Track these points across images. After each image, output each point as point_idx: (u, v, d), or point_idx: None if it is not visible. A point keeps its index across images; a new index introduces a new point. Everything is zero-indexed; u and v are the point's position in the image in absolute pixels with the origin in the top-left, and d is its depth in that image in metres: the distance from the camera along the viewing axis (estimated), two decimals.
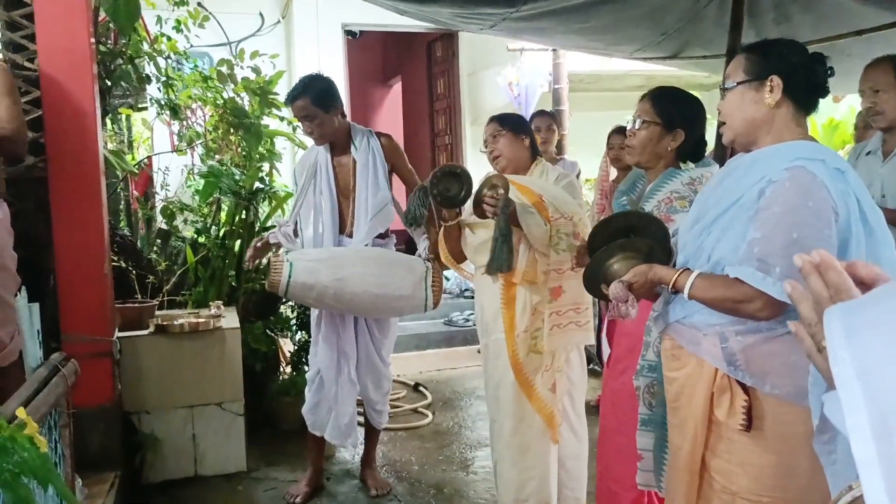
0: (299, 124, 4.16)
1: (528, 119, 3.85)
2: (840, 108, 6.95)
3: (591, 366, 5.00)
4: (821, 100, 1.75)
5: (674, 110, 2.18)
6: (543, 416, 2.68)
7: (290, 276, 2.93)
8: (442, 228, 2.84)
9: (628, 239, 1.93)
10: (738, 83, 1.71)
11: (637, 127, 2.19)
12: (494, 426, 2.80)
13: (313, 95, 3.03)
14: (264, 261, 3.60)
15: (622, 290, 1.76)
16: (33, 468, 1.01)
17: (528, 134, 2.82)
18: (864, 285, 0.69)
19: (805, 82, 1.69)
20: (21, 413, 1.15)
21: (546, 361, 2.67)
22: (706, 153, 2.36)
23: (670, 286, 1.69)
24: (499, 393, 2.74)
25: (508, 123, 2.81)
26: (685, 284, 1.65)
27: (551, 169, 2.83)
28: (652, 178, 2.25)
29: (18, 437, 1.03)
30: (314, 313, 3.28)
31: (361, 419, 3.49)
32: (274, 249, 3.24)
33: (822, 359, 0.68)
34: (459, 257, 2.85)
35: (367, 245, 3.11)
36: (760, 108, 1.68)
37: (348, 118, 3.30)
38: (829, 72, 1.70)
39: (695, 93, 2.28)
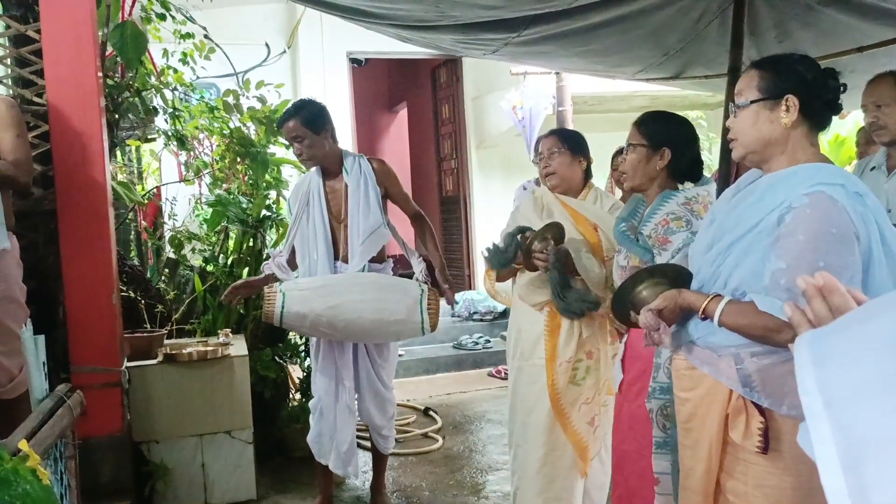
0: None
1: (533, 142, 3.84)
2: (846, 124, 6.93)
3: None
4: (834, 116, 1.72)
5: (656, 130, 2.18)
6: (577, 449, 2.65)
7: (283, 307, 2.94)
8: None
9: (656, 265, 1.91)
10: (752, 101, 1.67)
11: (627, 152, 2.20)
12: (519, 452, 2.75)
13: (303, 117, 3.06)
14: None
15: (652, 317, 1.71)
16: (36, 500, 1.01)
17: (585, 156, 2.79)
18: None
19: (819, 100, 1.66)
20: (23, 445, 1.16)
21: (587, 394, 2.63)
22: (709, 173, 2.35)
23: (700, 312, 1.65)
24: (530, 419, 2.70)
25: (568, 142, 2.76)
26: (715, 310, 1.61)
27: (605, 195, 2.80)
28: (650, 201, 2.23)
29: (21, 470, 1.03)
30: (313, 341, 3.28)
31: (367, 444, 3.48)
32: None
33: None
34: (502, 279, 2.83)
35: (362, 270, 3.11)
36: (776, 127, 1.64)
37: (355, 145, 3.34)
38: (842, 88, 1.67)
39: (698, 112, 2.29)
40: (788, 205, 1.54)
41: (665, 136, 2.17)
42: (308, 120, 3.06)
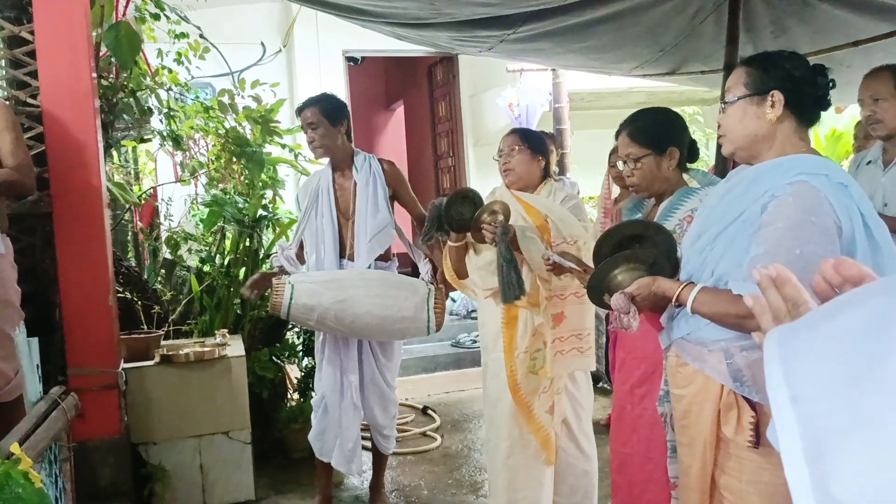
0: (301, 151, 4.20)
1: None
2: (843, 119, 6.94)
3: (601, 384, 4.97)
4: (822, 112, 1.72)
5: (657, 133, 2.14)
6: (539, 439, 2.67)
7: (291, 298, 2.95)
8: (446, 247, 2.85)
9: (633, 250, 1.92)
10: (739, 98, 1.68)
11: (632, 167, 2.14)
12: (490, 445, 2.81)
13: (323, 106, 3.12)
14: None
15: (625, 301, 1.74)
16: (28, 503, 1.00)
17: (544, 155, 2.83)
18: (852, 284, 0.69)
19: (807, 96, 1.67)
20: (16, 448, 1.15)
21: (545, 383, 2.66)
22: (706, 168, 2.34)
23: (674, 299, 1.67)
24: (496, 412, 2.74)
25: (528, 141, 2.80)
26: (688, 298, 1.63)
27: (559, 189, 2.83)
28: (666, 196, 2.20)
29: (13, 473, 1.03)
30: (318, 337, 3.28)
31: (369, 444, 3.48)
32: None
33: None
34: (463, 275, 2.86)
35: (369, 267, 3.11)
36: (762, 123, 1.65)
37: (352, 143, 3.35)
38: (830, 84, 1.68)
39: (695, 107, 2.28)
40: (771, 194, 1.56)
41: (666, 136, 2.14)
42: (326, 110, 3.11)
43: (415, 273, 3.28)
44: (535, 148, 2.79)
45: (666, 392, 2.06)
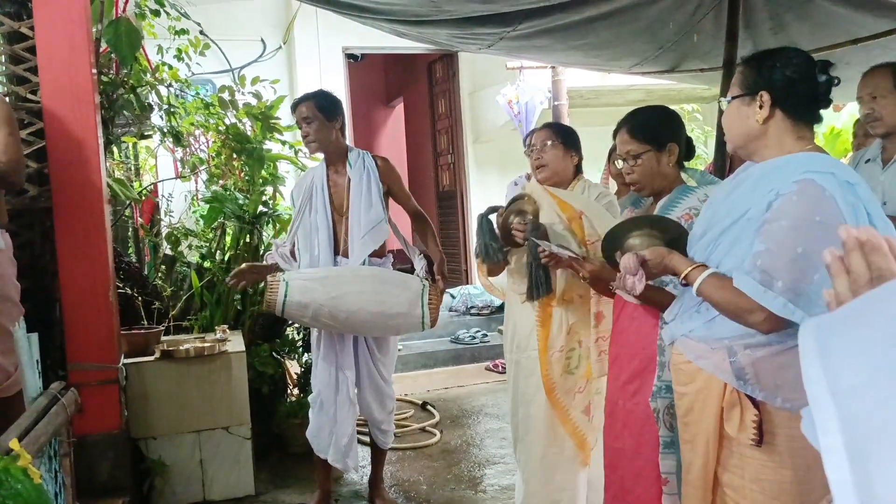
0: (301, 148, 4.21)
1: (527, 135, 3.82)
2: (841, 117, 6.92)
3: None
4: (822, 110, 1.71)
5: (656, 129, 2.13)
6: (575, 440, 2.65)
7: (285, 295, 2.95)
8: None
9: (659, 216, 1.90)
10: (733, 98, 1.70)
11: (632, 164, 2.13)
12: (522, 445, 2.76)
13: (318, 101, 3.13)
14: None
15: (635, 263, 1.73)
16: (27, 500, 1.01)
17: (577, 152, 2.80)
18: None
19: (798, 96, 1.65)
20: (14, 444, 1.16)
21: (580, 383, 2.63)
22: (703, 165, 2.33)
23: (682, 277, 1.68)
24: (530, 411, 2.71)
25: (562, 136, 2.77)
26: (697, 279, 1.63)
27: (592, 186, 2.80)
28: (664, 193, 2.20)
29: (12, 469, 1.03)
30: (314, 334, 3.29)
31: (366, 439, 3.49)
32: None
33: None
34: (494, 273, 2.83)
35: (363, 264, 3.12)
36: (752, 123, 1.66)
37: (351, 140, 3.35)
38: (832, 81, 1.66)
39: (694, 105, 2.28)
40: (777, 192, 1.56)
41: (665, 132, 2.13)
42: (322, 105, 3.12)
43: (412, 269, 3.28)
44: (569, 143, 2.76)
45: (658, 387, 2.07)
